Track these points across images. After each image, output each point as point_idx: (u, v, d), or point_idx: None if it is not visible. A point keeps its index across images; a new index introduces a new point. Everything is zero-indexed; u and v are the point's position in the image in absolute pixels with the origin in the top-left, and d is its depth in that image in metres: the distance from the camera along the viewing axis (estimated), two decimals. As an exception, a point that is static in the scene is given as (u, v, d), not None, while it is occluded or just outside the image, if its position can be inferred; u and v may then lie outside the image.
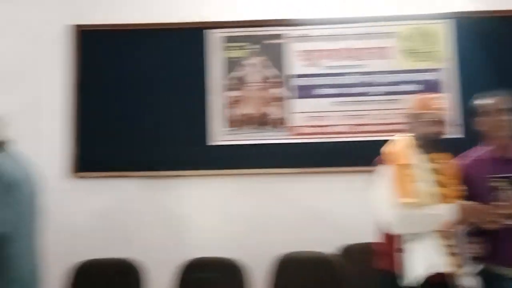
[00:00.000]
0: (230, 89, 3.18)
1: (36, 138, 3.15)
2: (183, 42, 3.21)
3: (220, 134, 3.14)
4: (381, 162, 2.18)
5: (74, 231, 3.09)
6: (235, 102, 3.18)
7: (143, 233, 3.11)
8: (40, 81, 3.26)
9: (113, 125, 3.21)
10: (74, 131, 3.22)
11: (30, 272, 2.18)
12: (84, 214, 3.16)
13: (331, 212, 3.06)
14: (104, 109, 3.24)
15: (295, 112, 3.15)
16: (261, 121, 3.15)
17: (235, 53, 3.21)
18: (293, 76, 3.17)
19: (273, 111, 3.15)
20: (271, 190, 3.09)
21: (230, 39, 3.22)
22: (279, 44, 3.19)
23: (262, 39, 3.20)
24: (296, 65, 3.17)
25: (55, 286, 2.65)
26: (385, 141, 3.07)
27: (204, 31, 3.19)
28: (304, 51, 3.18)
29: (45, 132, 3.19)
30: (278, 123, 3.14)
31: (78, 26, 3.30)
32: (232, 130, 3.15)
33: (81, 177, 3.20)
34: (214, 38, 3.21)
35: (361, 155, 3.05)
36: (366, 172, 2.97)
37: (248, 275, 2.65)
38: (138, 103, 3.21)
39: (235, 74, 3.20)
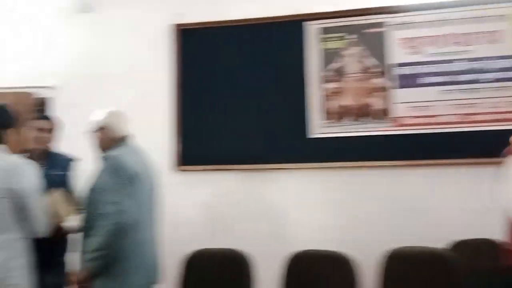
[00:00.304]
0: (329, 81, 3.14)
1: (142, 133, 3.30)
2: (282, 36, 3.21)
3: (320, 127, 3.11)
4: (510, 153, 2.03)
5: (179, 222, 3.21)
6: (334, 93, 3.13)
7: (245, 225, 3.15)
8: (147, 79, 3.41)
9: (214, 119, 3.29)
10: (176, 126, 3.34)
11: (151, 259, 2.29)
12: (187, 206, 3.27)
13: (437, 207, 2.92)
14: (205, 104, 3.32)
15: (398, 102, 3.03)
16: (362, 113, 3.07)
17: (333, 44, 3.16)
18: (395, 65, 3.06)
19: (374, 102, 3.07)
20: (374, 183, 3.01)
21: (328, 30, 3.16)
22: (379, 33, 3.09)
23: (361, 28, 3.12)
24: (398, 53, 3.06)
25: (168, 274, 2.75)
26: (498, 130, 2.90)
27: (303, 23, 3.17)
28: (407, 38, 3.06)
29: (150, 128, 3.32)
30: (380, 114, 3.05)
31: (178, 25, 3.42)
32: (332, 122, 3.10)
33: (184, 170, 3.31)
34: (312, 29, 3.18)
35: (471, 146, 2.90)
36: (477, 164, 2.84)
37: (357, 269, 2.60)
38: (238, 97, 3.26)
39: (333, 65, 3.15)
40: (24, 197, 2.06)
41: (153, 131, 3.32)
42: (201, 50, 3.37)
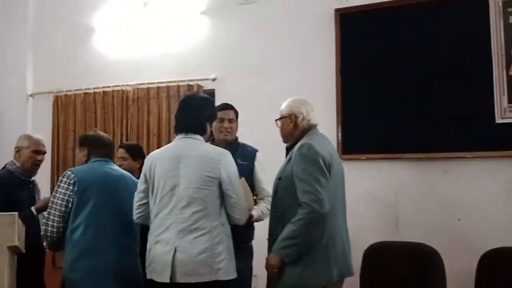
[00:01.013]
0: (517, 60, 2.82)
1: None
2: (460, 13, 2.95)
3: (508, 111, 2.80)
4: None
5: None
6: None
7: (418, 217, 2.97)
8: (307, 66, 3.37)
9: (379, 105, 3.14)
10: (338, 113, 3.25)
11: (345, 251, 2.23)
12: (352, 197, 3.16)
13: None
14: (368, 90, 3.19)
15: None
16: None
17: (520, 18, 2.83)
18: None
19: None
20: None
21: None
22: None
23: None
24: None
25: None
26: None
27: (489, -4, 2.89)
28: None
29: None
30: None
31: (337, 10, 3.32)
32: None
33: (346, 159, 3.20)
34: (496, 3, 2.87)
35: None
36: None
37: None
38: (406, 81, 3.08)
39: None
40: (227, 184, 2.13)
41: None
42: (361, 35, 3.25)
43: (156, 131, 3.70)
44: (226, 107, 2.64)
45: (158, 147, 3.49)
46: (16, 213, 2.08)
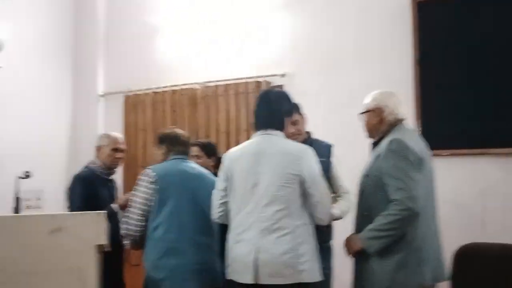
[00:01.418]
0: None
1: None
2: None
3: None
4: None
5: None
6: None
7: (507, 217, 2.79)
8: (382, 58, 3.24)
9: (461, 98, 2.97)
10: (418, 107, 3.09)
11: (436, 252, 2.09)
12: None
13: None
14: (448, 82, 3.01)
15: None
16: None
17: None
18: None
19: None
20: None
21: None
22: None
23: None
24: None
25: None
26: None
27: None
28: None
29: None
30: None
31: (414, -1, 3.17)
32: None
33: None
34: None
35: None
36: None
37: None
38: (489, 72, 2.89)
39: None
40: (310, 182, 2.03)
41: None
42: (440, 24, 3.08)
43: (225, 129, 3.67)
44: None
45: (227, 145, 3.49)
46: (104, 211, 2.11)
